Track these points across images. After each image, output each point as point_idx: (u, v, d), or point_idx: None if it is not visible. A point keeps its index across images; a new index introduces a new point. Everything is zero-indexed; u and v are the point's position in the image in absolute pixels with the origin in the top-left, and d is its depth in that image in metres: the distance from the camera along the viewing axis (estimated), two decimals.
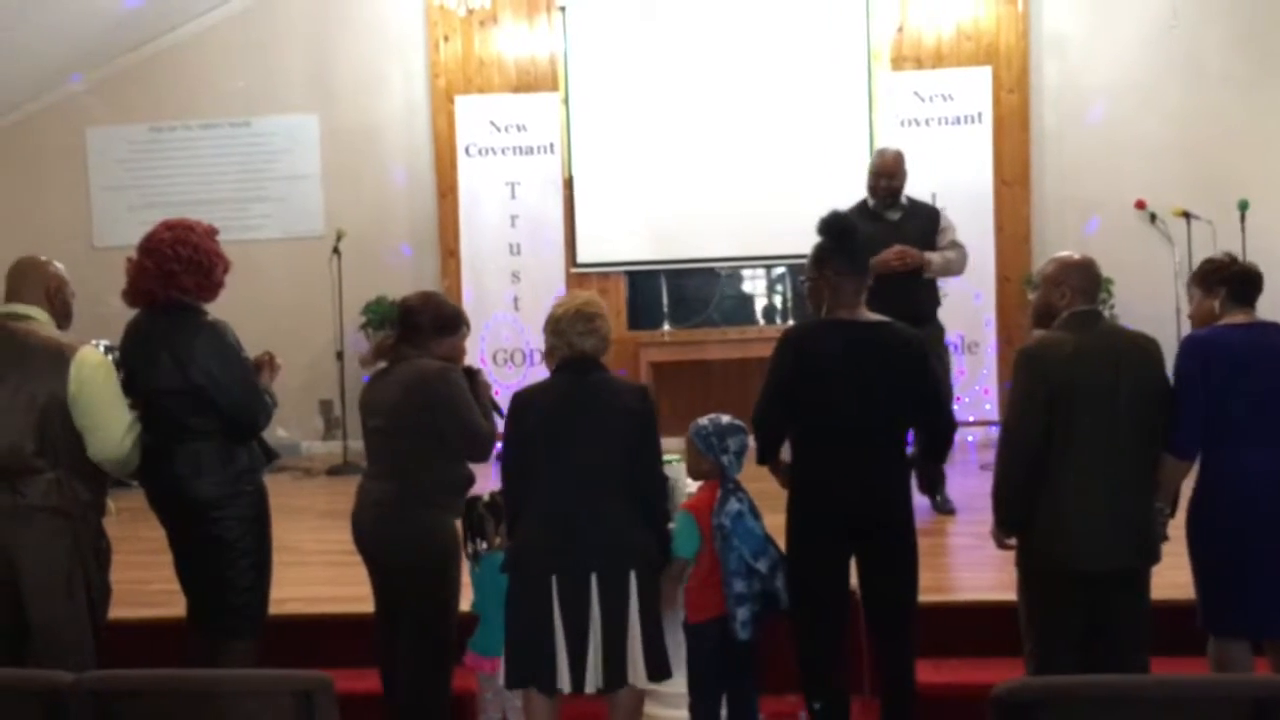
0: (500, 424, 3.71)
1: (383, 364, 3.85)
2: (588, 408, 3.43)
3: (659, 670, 3.43)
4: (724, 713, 3.72)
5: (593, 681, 3.35)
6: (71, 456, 3.47)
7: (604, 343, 3.53)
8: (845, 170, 7.87)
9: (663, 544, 3.53)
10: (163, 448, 3.62)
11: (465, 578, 3.83)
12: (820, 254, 3.63)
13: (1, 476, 3.42)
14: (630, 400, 3.46)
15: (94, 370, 3.49)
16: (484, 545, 3.78)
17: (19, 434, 3.41)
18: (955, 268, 5.76)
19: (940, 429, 3.71)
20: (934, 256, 5.62)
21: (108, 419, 3.49)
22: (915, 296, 5.48)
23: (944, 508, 5.78)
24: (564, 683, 3.35)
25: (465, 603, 3.83)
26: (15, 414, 3.41)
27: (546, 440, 3.42)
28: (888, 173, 5.74)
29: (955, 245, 5.72)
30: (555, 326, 3.50)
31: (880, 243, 5.53)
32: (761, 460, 3.69)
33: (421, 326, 3.75)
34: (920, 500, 5.70)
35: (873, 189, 5.77)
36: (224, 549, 3.63)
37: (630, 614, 3.36)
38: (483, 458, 3.77)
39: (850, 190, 7.60)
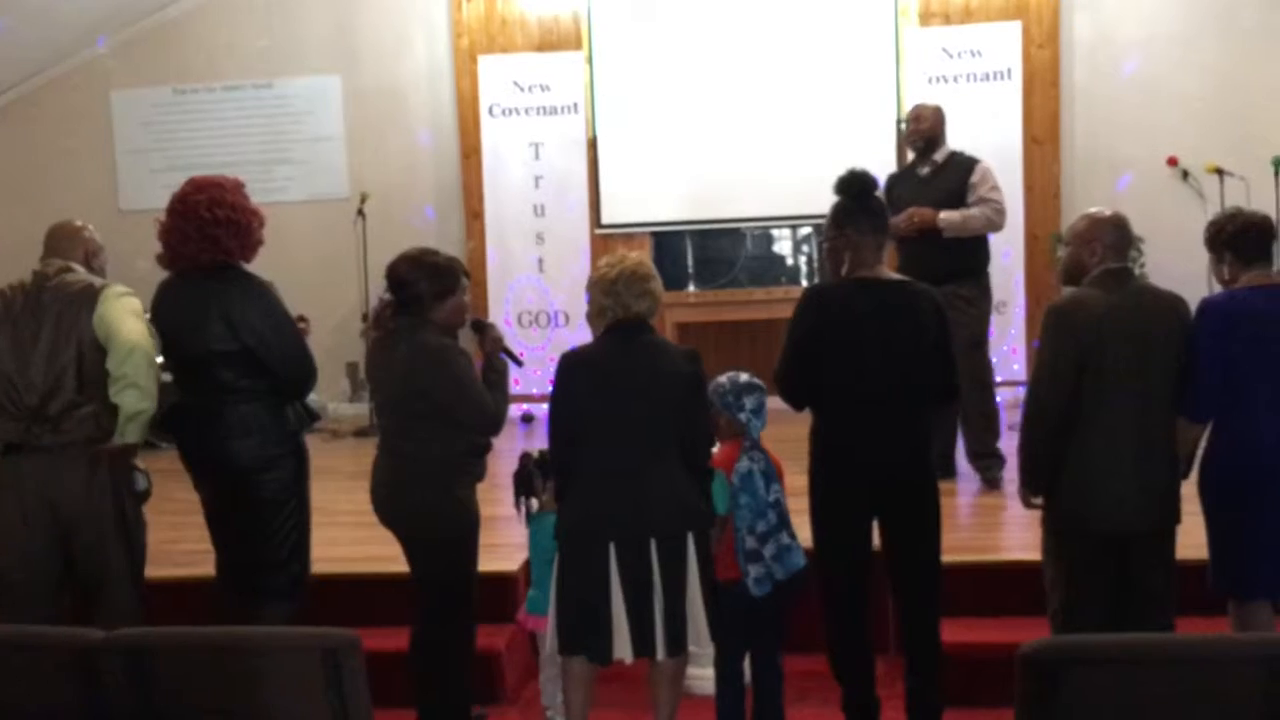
0: (517, 371, 3.65)
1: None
2: (639, 370, 3.40)
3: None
4: (747, 670, 3.74)
5: (660, 648, 3.34)
6: (107, 392, 3.56)
7: (656, 304, 3.49)
8: (873, 129, 7.81)
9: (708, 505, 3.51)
10: (210, 409, 3.64)
11: (492, 538, 3.85)
12: (839, 213, 3.60)
13: (46, 419, 3.53)
14: (681, 363, 3.43)
15: (118, 297, 3.61)
16: (534, 504, 3.76)
17: (61, 376, 3.54)
18: (976, 225, 5.43)
19: (943, 391, 3.62)
20: (950, 215, 5.38)
21: (128, 320, 3.57)
22: (935, 255, 5.32)
23: (988, 476, 5.49)
24: (624, 651, 3.33)
25: (494, 563, 3.86)
26: (57, 358, 3.54)
27: (597, 403, 3.39)
28: (914, 116, 5.67)
29: (984, 200, 5.44)
30: (609, 288, 3.44)
31: (907, 200, 5.47)
32: (799, 408, 3.65)
33: (420, 295, 3.53)
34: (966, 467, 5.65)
35: (905, 135, 5.70)
36: (268, 511, 3.66)
37: (689, 577, 3.35)
38: (493, 432, 3.65)
39: (878, 148, 7.62)
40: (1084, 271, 3.48)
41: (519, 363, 3.84)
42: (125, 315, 3.57)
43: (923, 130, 5.61)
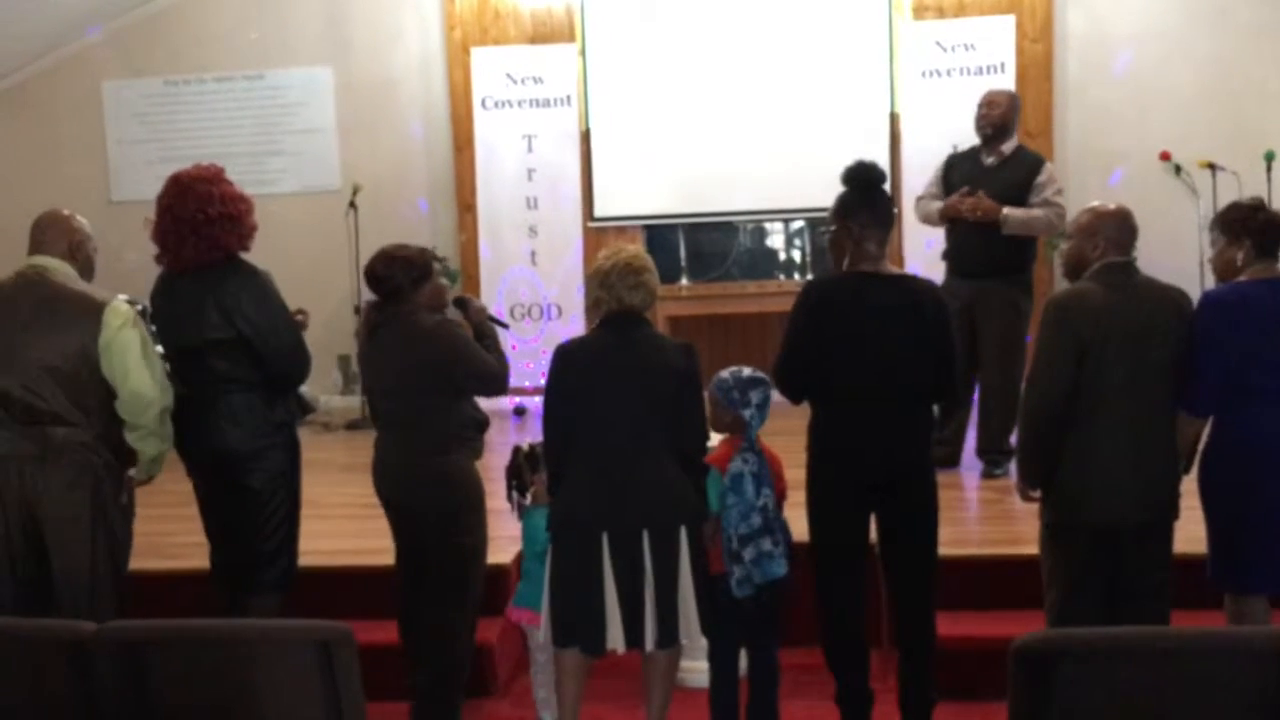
0: (505, 335, 3.73)
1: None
2: (634, 363, 3.41)
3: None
4: (744, 663, 3.74)
5: (651, 639, 3.35)
6: (101, 408, 3.49)
7: (651, 297, 3.51)
8: (866, 122, 7.80)
9: (702, 499, 3.51)
10: (204, 399, 3.63)
11: (493, 530, 3.84)
12: (844, 205, 3.58)
13: (30, 422, 3.44)
14: (676, 357, 3.44)
15: (124, 322, 3.49)
16: (527, 498, 3.78)
17: (48, 382, 3.43)
18: (1038, 226, 5.32)
19: (941, 389, 3.63)
20: (1014, 213, 5.25)
21: (139, 368, 3.47)
22: (986, 246, 5.27)
23: (994, 471, 5.47)
24: (616, 642, 3.36)
25: (495, 555, 3.85)
26: (45, 361, 3.44)
27: (592, 396, 3.40)
28: (986, 101, 5.49)
29: (1048, 204, 5.30)
30: (604, 280, 3.46)
31: (968, 186, 5.35)
32: (797, 402, 3.65)
33: (400, 286, 3.68)
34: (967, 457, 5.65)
35: (975, 120, 5.51)
36: (257, 501, 3.66)
37: (681, 569, 3.37)
38: (501, 392, 3.82)
39: (871, 141, 7.60)
40: (1085, 265, 3.47)
41: (505, 325, 3.96)
42: (132, 356, 3.46)
43: (994, 117, 5.43)
